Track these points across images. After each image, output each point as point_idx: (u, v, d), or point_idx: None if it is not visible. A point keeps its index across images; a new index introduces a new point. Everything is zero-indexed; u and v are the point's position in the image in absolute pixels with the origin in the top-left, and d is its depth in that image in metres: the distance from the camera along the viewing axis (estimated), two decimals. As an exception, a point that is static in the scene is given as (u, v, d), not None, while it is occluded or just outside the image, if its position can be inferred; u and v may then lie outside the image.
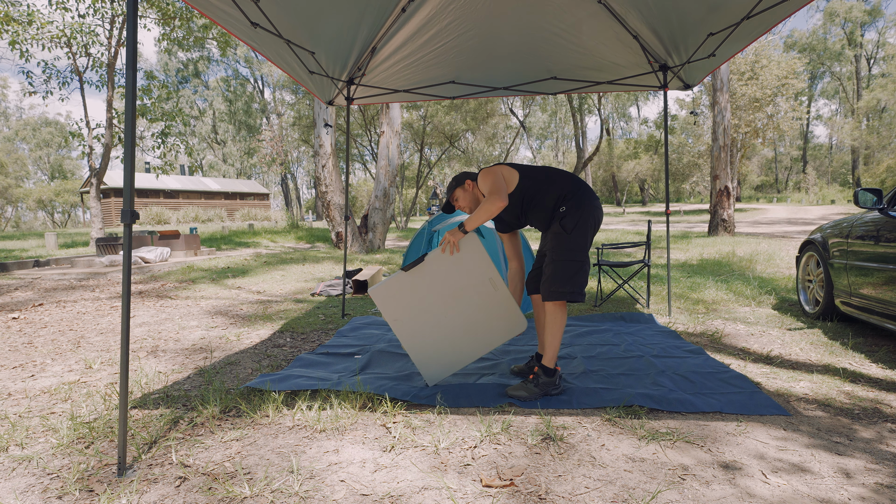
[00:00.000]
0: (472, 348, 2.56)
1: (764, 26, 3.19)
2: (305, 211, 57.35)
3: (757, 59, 23.74)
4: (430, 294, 2.52)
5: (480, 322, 2.53)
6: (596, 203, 2.46)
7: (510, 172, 2.52)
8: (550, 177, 2.51)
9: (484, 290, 2.50)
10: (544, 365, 2.44)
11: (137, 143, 15.63)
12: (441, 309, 2.52)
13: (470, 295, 2.50)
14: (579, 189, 2.46)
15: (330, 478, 1.74)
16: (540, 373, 2.44)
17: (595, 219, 2.44)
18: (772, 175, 56.35)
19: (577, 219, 2.40)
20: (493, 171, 2.46)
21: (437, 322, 2.53)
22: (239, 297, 5.60)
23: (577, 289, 2.39)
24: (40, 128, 51.07)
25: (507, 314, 2.52)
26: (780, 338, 3.46)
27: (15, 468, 1.85)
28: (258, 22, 2.98)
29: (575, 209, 2.41)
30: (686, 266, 7.26)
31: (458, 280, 2.49)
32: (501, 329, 2.54)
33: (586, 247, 2.43)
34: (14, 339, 3.81)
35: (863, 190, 3.28)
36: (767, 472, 1.72)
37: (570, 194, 2.44)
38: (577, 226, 2.40)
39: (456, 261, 2.48)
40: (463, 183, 2.62)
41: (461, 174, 2.66)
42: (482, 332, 2.54)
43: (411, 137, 24.00)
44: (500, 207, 2.32)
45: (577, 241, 2.40)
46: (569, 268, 2.39)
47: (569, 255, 2.40)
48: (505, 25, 3.68)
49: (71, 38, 11.27)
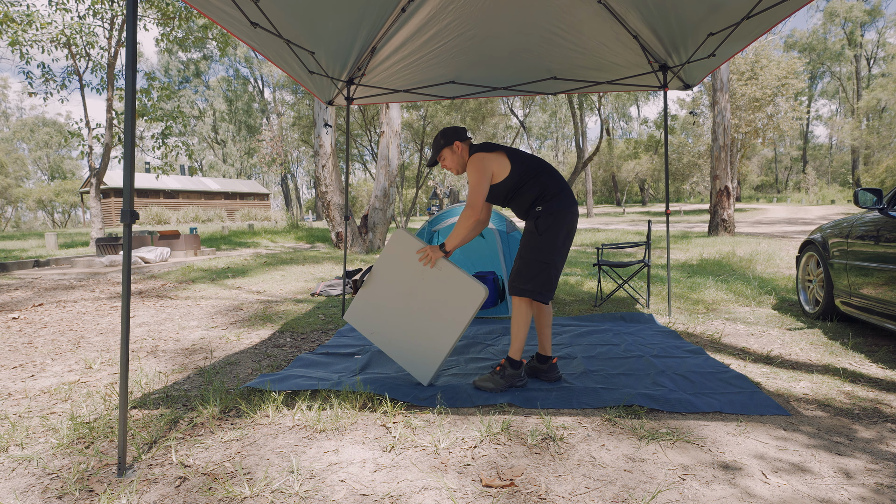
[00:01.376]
0: (446, 333, 2.54)
1: (764, 26, 3.19)
2: (305, 211, 57.36)
3: (757, 59, 23.75)
4: (389, 298, 2.61)
5: (441, 305, 2.54)
6: (573, 209, 2.49)
7: (501, 164, 2.48)
8: (539, 174, 2.50)
9: (430, 275, 2.53)
10: (510, 357, 2.50)
11: (137, 144, 15.63)
12: (403, 308, 2.58)
13: (420, 285, 2.55)
14: (560, 192, 2.48)
15: (330, 478, 1.74)
16: (506, 365, 2.50)
17: (569, 224, 2.47)
18: (772, 175, 56.36)
19: (551, 221, 2.43)
20: (483, 166, 2.42)
21: (404, 321, 2.59)
22: (239, 297, 5.60)
23: (538, 288, 2.43)
24: (40, 128, 51.08)
25: (460, 288, 2.50)
26: (780, 338, 3.46)
27: (15, 468, 1.85)
28: (258, 22, 2.98)
29: (550, 211, 2.44)
30: (686, 266, 7.26)
31: (405, 276, 2.56)
32: (463, 303, 2.50)
33: (555, 249, 2.45)
34: (14, 339, 3.81)
35: (863, 190, 3.28)
36: (767, 472, 1.72)
37: (550, 196, 2.46)
38: (549, 228, 2.43)
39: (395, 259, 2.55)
40: (451, 143, 2.57)
41: (450, 131, 2.58)
42: (447, 314, 2.53)
43: (411, 137, 24.00)
44: (473, 222, 2.38)
45: (546, 243, 2.43)
46: (534, 267, 2.43)
47: (536, 255, 2.44)
48: (505, 25, 3.68)
49: (71, 39, 11.26)
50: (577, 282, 6.11)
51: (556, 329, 3.81)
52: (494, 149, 2.53)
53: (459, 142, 2.57)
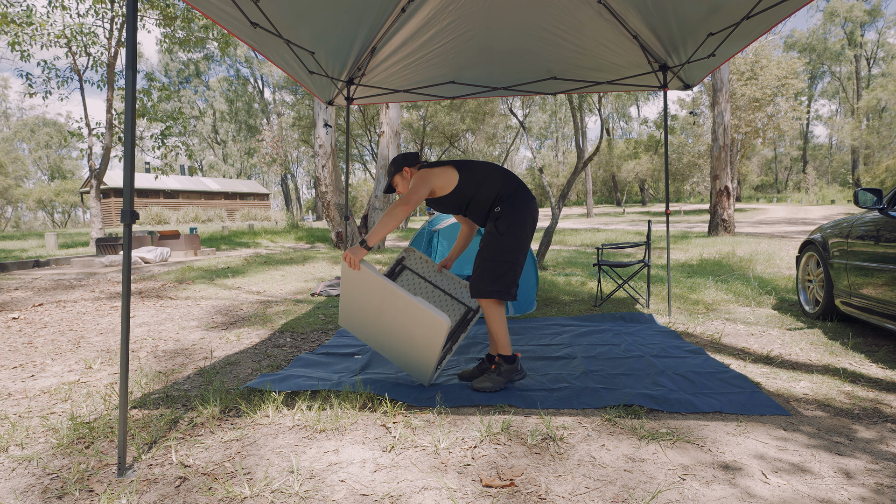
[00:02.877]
0: (424, 355, 2.44)
1: (764, 26, 3.19)
2: (305, 211, 57.36)
3: (757, 59, 23.75)
4: (364, 313, 2.56)
5: (411, 327, 2.42)
6: (531, 205, 2.51)
7: (448, 176, 2.51)
8: (489, 177, 2.53)
9: (394, 303, 2.39)
10: (501, 354, 2.49)
11: (137, 144, 15.63)
12: (380, 323, 2.53)
13: (387, 308, 2.44)
14: (516, 190, 2.50)
15: (330, 478, 1.74)
16: (501, 362, 2.49)
17: (529, 221, 2.48)
18: (772, 175, 56.35)
19: (511, 220, 2.44)
20: (423, 179, 2.45)
21: (387, 333, 2.54)
22: (239, 297, 5.60)
23: (504, 288, 2.43)
24: (40, 128, 51.08)
25: (423, 319, 2.32)
26: (780, 338, 3.46)
27: (15, 468, 1.85)
28: (258, 22, 2.98)
29: (508, 210, 2.46)
30: (686, 266, 7.26)
31: (370, 298, 2.46)
32: (428, 333, 2.34)
33: (519, 247, 2.46)
34: (14, 339, 3.81)
35: (863, 190, 3.27)
36: (767, 473, 1.72)
37: (505, 195, 2.49)
38: (510, 227, 2.44)
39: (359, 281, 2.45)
40: (401, 170, 2.62)
41: (400, 158, 2.63)
42: (420, 338, 2.40)
43: (411, 137, 24.00)
44: (402, 216, 2.34)
45: (508, 242, 2.44)
46: (498, 267, 2.44)
47: (499, 256, 2.44)
48: (504, 25, 3.68)
49: (71, 38, 11.26)
50: (577, 282, 6.11)
51: (556, 329, 3.81)
52: (442, 164, 2.57)
53: (408, 167, 2.63)
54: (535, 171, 53.35)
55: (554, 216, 7.00)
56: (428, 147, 25.01)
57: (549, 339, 3.55)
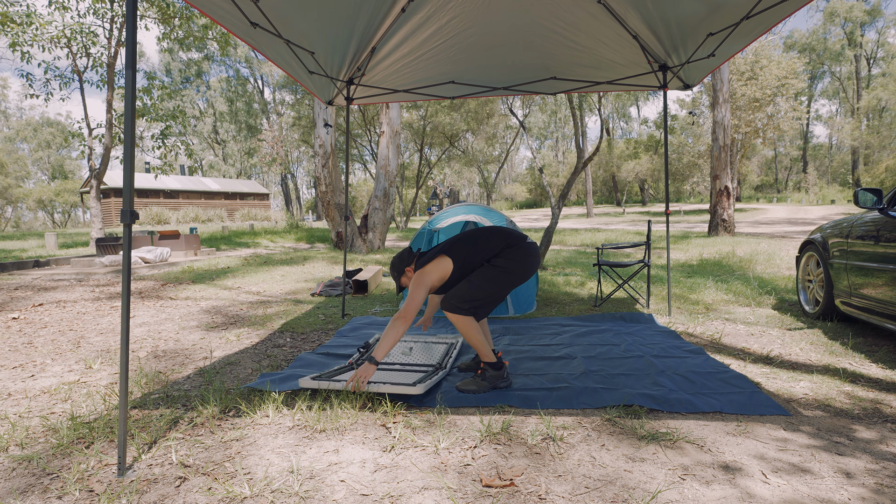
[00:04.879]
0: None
1: (764, 26, 3.19)
2: (305, 211, 57.35)
3: (757, 59, 23.75)
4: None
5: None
6: (531, 250, 2.60)
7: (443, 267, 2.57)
8: (477, 245, 2.61)
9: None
10: (486, 361, 2.54)
11: (137, 144, 15.63)
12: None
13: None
14: (508, 245, 2.60)
15: (330, 478, 1.74)
16: (487, 367, 2.54)
17: (524, 262, 2.56)
18: (772, 175, 56.33)
19: (507, 259, 2.54)
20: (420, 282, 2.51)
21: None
22: (239, 297, 5.60)
23: (472, 309, 2.49)
24: (41, 128, 51.07)
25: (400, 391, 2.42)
26: (780, 338, 3.46)
27: (15, 468, 1.85)
28: (258, 22, 2.98)
29: (506, 256, 2.56)
30: (686, 266, 7.26)
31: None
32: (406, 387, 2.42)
33: (504, 283, 2.54)
34: (14, 339, 3.81)
35: (863, 190, 3.27)
36: (768, 473, 1.72)
37: (500, 251, 2.59)
38: (506, 264, 2.53)
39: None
40: (404, 272, 2.73)
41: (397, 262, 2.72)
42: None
43: (411, 137, 24.00)
44: (404, 329, 2.41)
45: (496, 275, 2.53)
46: (476, 294, 2.49)
47: (482, 285, 2.51)
48: (504, 25, 3.68)
49: (71, 38, 11.26)
50: (577, 282, 6.11)
51: (555, 329, 3.81)
52: (434, 256, 2.62)
53: (408, 268, 2.72)
54: (535, 171, 53.34)
55: (554, 216, 7.00)
56: (428, 147, 24.98)
57: (549, 339, 3.55)
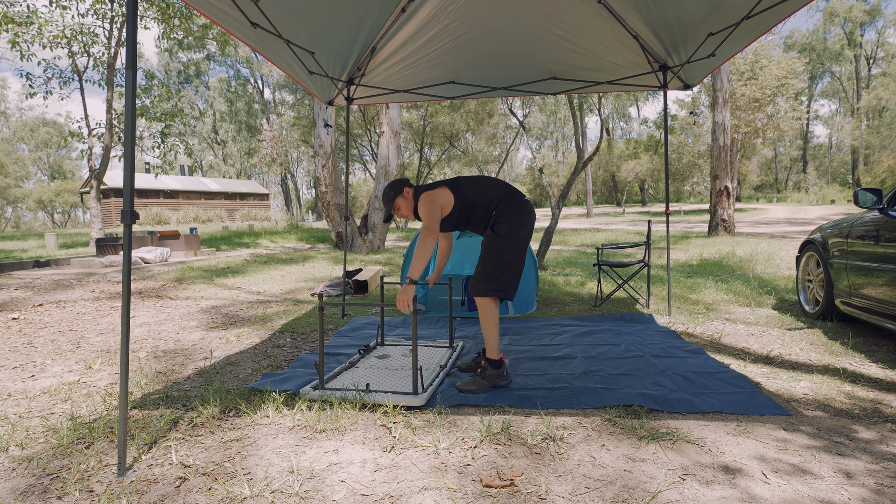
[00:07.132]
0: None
1: (764, 26, 3.19)
2: (305, 211, 57.32)
3: (757, 59, 23.73)
4: None
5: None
6: (527, 208, 2.61)
7: (446, 197, 2.62)
8: (481, 187, 2.64)
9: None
10: (489, 358, 2.53)
11: (137, 144, 15.63)
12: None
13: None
14: (509, 195, 2.61)
15: (330, 478, 1.74)
16: (487, 366, 2.54)
17: (525, 222, 2.58)
18: (772, 175, 56.33)
19: (508, 225, 2.55)
20: (431, 200, 2.55)
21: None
22: (239, 297, 5.60)
23: (502, 287, 2.52)
24: (40, 128, 51.05)
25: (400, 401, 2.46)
26: (780, 338, 3.46)
27: (15, 468, 1.85)
28: (258, 22, 2.98)
29: (505, 213, 2.56)
30: (686, 266, 7.26)
31: None
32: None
33: (516, 248, 2.56)
34: (14, 340, 3.81)
35: (863, 190, 3.27)
36: (768, 473, 1.72)
37: (500, 201, 2.59)
38: (509, 230, 2.54)
39: None
40: (402, 191, 2.70)
41: (397, 183, 2.71)
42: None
43: (411, 137, 24.00)
44: (433, 243, 2.43)
45: (506, 244, 2.54)
46: (496, 268, 2.53)
47: (498, 257, 2.54)
48: (505, 25, 3.68)
49: (71, 38, 11.26)
50: (577, 282, 6.11)
51: (555, 329, 3.81)
52: (436, 185, 2.66)
53: (408, 188, 2.71)
54: (535, 171, 53.33)
55: (554, 216, 7.00)
56: (428, 147, 24.98)
57: (549, 339, 3.55)
